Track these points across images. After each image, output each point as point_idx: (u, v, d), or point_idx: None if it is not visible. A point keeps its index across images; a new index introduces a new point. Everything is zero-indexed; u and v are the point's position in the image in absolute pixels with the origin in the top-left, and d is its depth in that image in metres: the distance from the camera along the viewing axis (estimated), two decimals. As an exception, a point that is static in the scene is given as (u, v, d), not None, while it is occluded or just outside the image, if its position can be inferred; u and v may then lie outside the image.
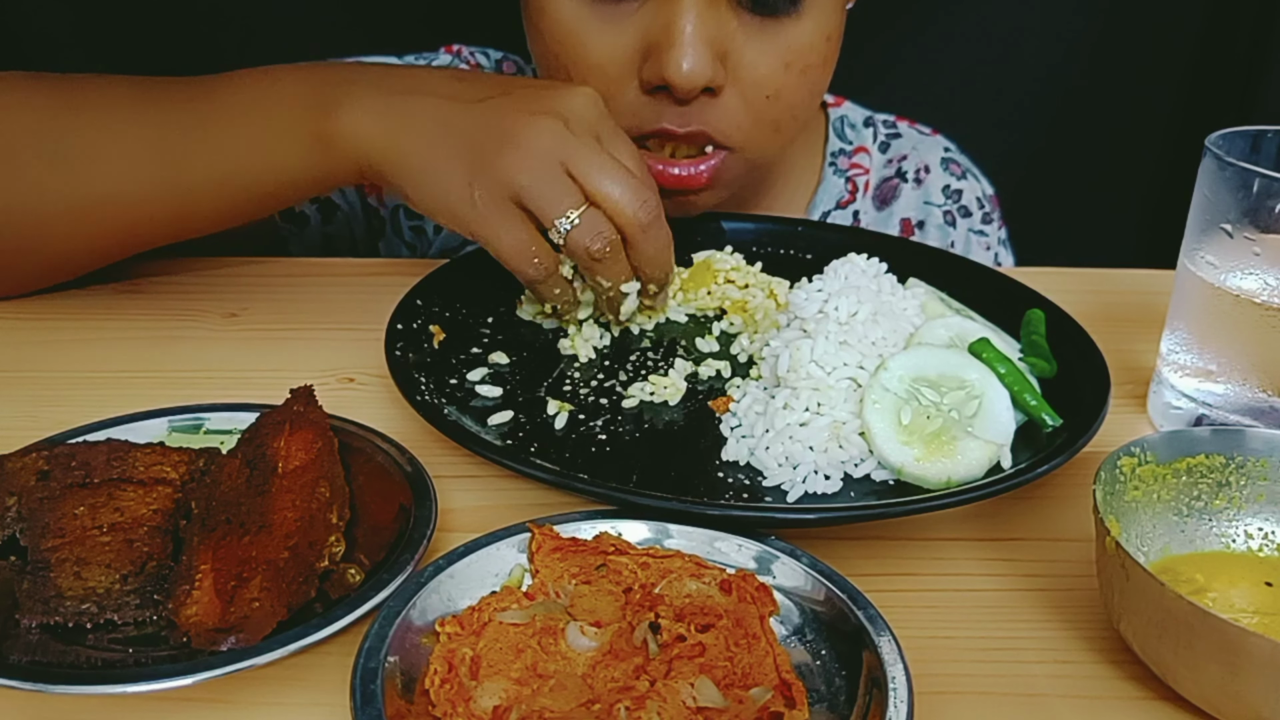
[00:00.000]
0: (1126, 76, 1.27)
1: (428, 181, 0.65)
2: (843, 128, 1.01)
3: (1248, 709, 0.43)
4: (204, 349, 0.73)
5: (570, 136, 0.64)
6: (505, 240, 0.64)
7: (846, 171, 0.99)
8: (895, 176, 1.00)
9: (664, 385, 0.66)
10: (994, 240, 1.03)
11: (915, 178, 1.01)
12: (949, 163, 1.03)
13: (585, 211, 0.63)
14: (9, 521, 0.50)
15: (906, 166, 1.01)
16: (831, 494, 0.56)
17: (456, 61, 0.98)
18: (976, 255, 1.01)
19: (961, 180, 1.02)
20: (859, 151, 1.00)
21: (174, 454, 0.53)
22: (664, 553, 0.50)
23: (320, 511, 0.50)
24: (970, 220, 1.02)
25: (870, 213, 1.00)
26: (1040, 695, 0.47)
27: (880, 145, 1.02)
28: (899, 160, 1.01)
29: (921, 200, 1.00)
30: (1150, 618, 0.44)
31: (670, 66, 0.72)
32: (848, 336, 0.61)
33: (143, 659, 0.45)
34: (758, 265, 0.81)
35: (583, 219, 0.63)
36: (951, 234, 1.01)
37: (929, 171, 1.01)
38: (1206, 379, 0.64)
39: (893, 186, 1.00)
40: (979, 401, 0.58)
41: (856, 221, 0.99)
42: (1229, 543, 0.53)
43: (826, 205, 0.98)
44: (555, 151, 0.63)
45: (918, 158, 1.01)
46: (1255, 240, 0.59)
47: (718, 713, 0.42)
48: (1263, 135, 0.64)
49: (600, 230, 0.64)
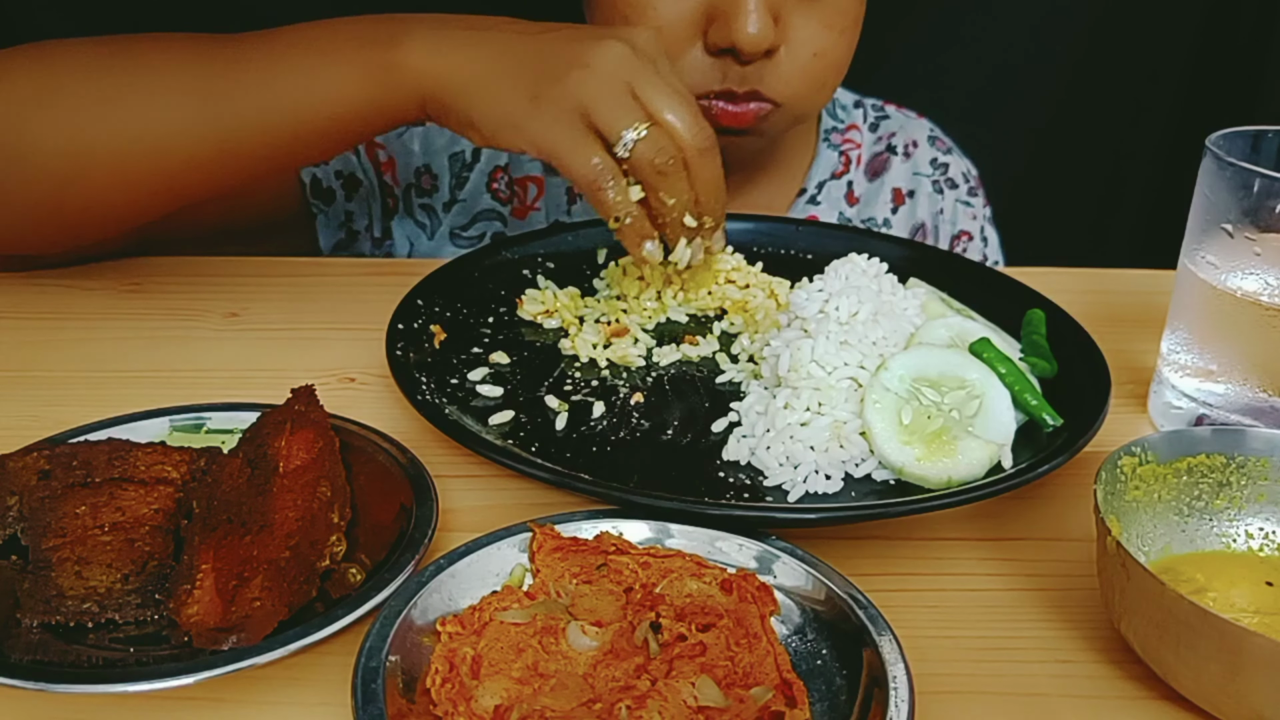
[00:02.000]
0: (1126, 76, 1.27)
1: (491, 100, 0.65)
2: (834, 109, 1.06)
3: (1248, 709, 0.43)
4: (205, 348, 0.73)
5: (636, 60, 0.65)
6: (569, 146, 0.64)
7: (840, 146, 1.04)
8: (885, 151, 1.06)
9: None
10: (980, 213, 1.08)
11: (904, 151, 1.06)
12: (935, 140, 1.09)
13: (650, 127, 0.64)
14: (10, 521, 0.50)
15: (895, 142, 1.06)
16: (832, 494, 0.56)
17: None
18: (964, 224, 1.06)
19: (947, 155, 1.08)
20: (851, 129, 1.05)
21: (175, 453, 0.54)
22: (665, 552, 0.50)
23: (321, 511, 0.50)
24: (957, 191, 1.07)
25: (862, 183, 1.04)
26: (1041, 695, 0.47)
27: (870, 125, 1.07)
28: (888, 137, 1.07)
29: (911, 171, 1.06)
30: (1151, 617, 0.44)
31: (739, 31, 0.78)
32: (848, 336, 0.61)
33: (144, 658, 0.45)
34: (758, 265, 0.81)
35: (648, 133, 0.64)
36: (940, 201, 1.06)
37: (916, 146, 1.07)
38: (1207, 379, 0.64)
39: (883, 160, 1.06)
40: (980, 401, 0.58)
41: (850, 191, 1.03)
42: (1230, 542, 0.53)
43: (822, 176, 1.02)
44: (621, 73, 0.64)
45: (905, 135, 1.07)
46: (1256, 240, 0.60)
47: (719, 712, 0.42)
48: (1263, 135, 0.64)
49: (665, 147, 0.64)
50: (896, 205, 1.04)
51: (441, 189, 0.98)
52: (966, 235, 1.06)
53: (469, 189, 0.98)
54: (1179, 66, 1.27)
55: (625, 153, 0.64)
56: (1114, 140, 1.31)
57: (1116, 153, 1.31)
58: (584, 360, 0.69)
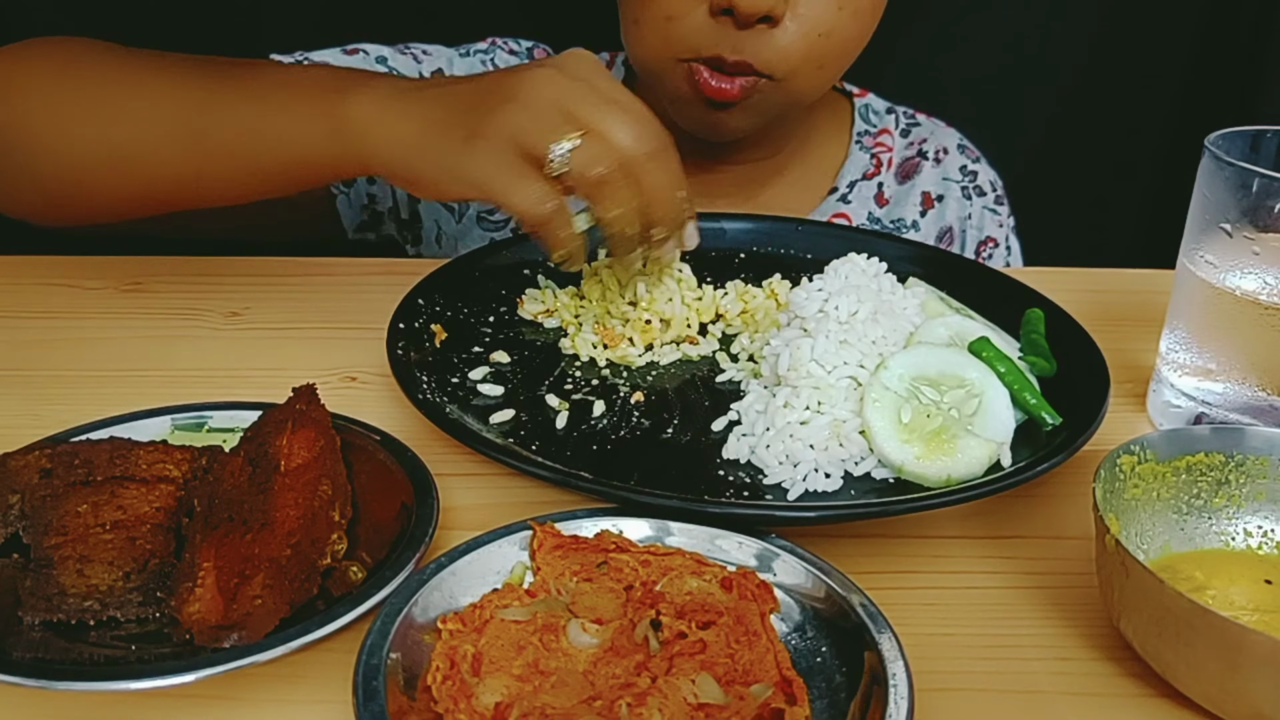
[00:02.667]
0: (1126, 76, 1.27)
1: (430, 151, 0.64)
2: (867, 113, 1.06)
3: (1247, 706, 0.43)
4: (206, 347, 0.73)
5: (565, 80, 0.62)
6: (506, 181, 0.61)
7: (871, 149, 1.04)
8: (916, 155, 1.06)
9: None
10: (1005, 222, 1.08)
11: (935, 157, 1.06)
12: (964, 148, 1.09)
13: (584, 136, 0.60)
14: (12, 519, 0.50)
15: (926, 148, 1.06)
16: (832, 492, 0.57)
17: (495, 50, 1.01)
18: (990, 231, 1.06)
19: (976, 164, 1.08)
20: (883, 133, 1.05)
21: (176, 452, 0.54)
22: (665, 550, 0.50)
23: (322, 509, 0.51)
24: (985, 199, 1.07)
25: (892, 186, 1.04)
26: (1040, 692, 0.47)
27: (902, 131, 1.07)
28: (919, 143, 1.07)
29: (941, 177, 1.06)
30: (1150, 615, 0.44)
31: None
32: (848, 335, 0.61)
33: (145, 656, 0.45)
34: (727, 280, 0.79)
35: (583, 142, 0.60)
36: (968, 207, 1.05)
37: (947, 153, 1.07)
38: (1206, 378, 0.64)
39: (914, 164, 1.05)
40: (979, 400, 0.58)
41: (880, 193, 1.03)
42: (1228, 540, 0.53)
43: (853, 176, 1.03)
44: (549, 95, 0.61)
45: (936, 141, 1.07)
46: (1254, 240, 0.60)
47: (719, 709, 0.42)
48: (1262, 135, 0.64)
49: (600, 155, 0.60)
50: (925, 208, 1.04)
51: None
52: (992, 241, 1.06)
53: None
54: (1178, 67, 1.27)
55: (563, 168, 0.60)
56: (1113, 140, 1.30)
57: (1116, 153, 1.31)
58: (584, 359, 0.69)
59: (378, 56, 0.95)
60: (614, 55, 1.04)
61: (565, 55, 0.66)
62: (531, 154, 0.60)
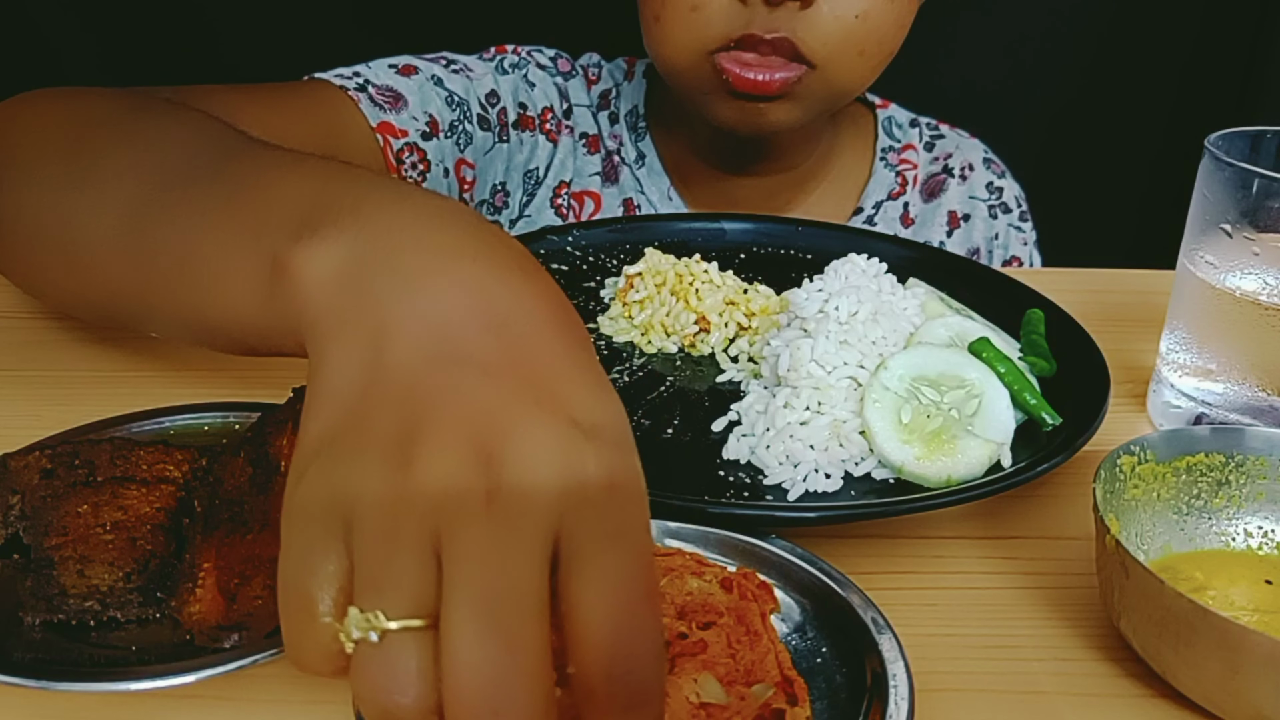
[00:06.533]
0: (1126, 76, 1.27)
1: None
2: (890, 127, 1.04)
3: (1247, 706, 0.43)
4: (207, 348, 0.73)
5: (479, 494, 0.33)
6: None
7: (896, 166, 1.02)
8: (942, 172, 1.04)
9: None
10: (1029, 238, 1.07)
11: (961, 174, 1.04)
12: (989, 162, 1.07)
13: (414, 630, 0.31)
14: (12, 520, 0.50)
15: (952, 163, 1.04)
16: (832, 492, 0.57)
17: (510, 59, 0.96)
18: (1015, 249, 1.05)
19: (1001, 179, 1.06)
20: (907, 149, 1.04)
21: (177, 453, 0.54)
22: (665, 550, 0.50)
23: (323, 510, 0.50)
24: (1010, 216, 1.05)
25: (918, 204, 1.03)
26: (1040, 693, 0.47)
27: (926, 145, 1.05)
28: (944, 158, 1.05)
29: (967, 195, 1.04)
30: (1150, 616, 0.44)
31: None
32: (848, 336, 0.61)
33: (146, 657, 0.45)
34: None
35: (390, 641, 0.31)
36: (995, 226, 1.04)
37: (973, 169, 1.05)
38: (1206, 378, 0.64)
39: (939, 181, 1.03)
40: (979, 400, 0.58)
41: (906, 213, 1.02)
42: (1229, 541, 0.53)
43: (879, 196, 1.01)
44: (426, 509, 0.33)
45: (961, 156, 1.05)
46: (1254, 240, 0.60)
47: (720, 709, 0.42)
48: (1262, 135, 0.64)
49: (404, 681, 0.31)
50: (952, 228, 1.02)
51: (512, 205, 0.97)
52: (1017, 260, 1.05)
53: (535, 204, 0.97)
54: (1178, 67, 1.28)
55: (348, 645, 0.33)
56: (1113, 141, 1.31)
57: (1116, 153, 1.32)
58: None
59: (432, 76, 0.87)
60: (632, 63, 1.01)
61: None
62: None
